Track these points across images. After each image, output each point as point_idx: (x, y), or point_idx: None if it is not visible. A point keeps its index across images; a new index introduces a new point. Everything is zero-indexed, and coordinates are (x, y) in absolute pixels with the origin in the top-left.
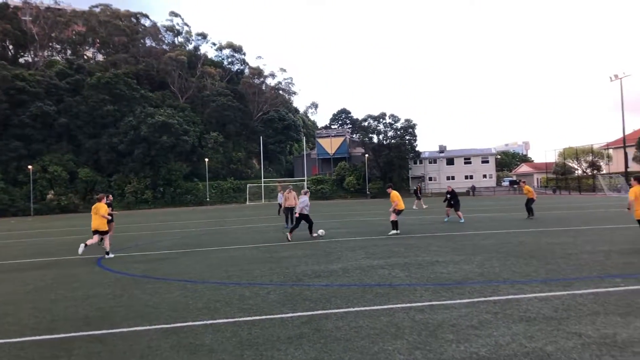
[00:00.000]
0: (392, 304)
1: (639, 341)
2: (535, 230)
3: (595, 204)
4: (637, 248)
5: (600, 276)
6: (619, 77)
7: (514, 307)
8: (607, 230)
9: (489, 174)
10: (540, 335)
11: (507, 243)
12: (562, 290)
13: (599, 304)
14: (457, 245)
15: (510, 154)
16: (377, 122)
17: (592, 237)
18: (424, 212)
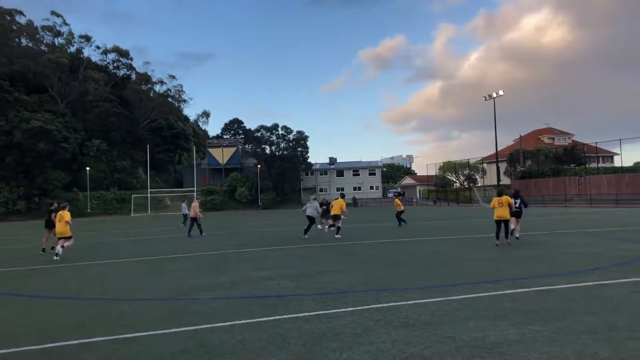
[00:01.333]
0: (279, 315)
1: (505, 342)
2: (417, 239)
3: (471, 215)
4: (506, 255)
5: (473, 282)
6: (493, 96)
7: (395, 314)
8: (481, 239)
9: (375, 185)
10: (418, 340)
11: (390, 252)
12: (439, 297)
13: (471, 309)
14: (343, 254)
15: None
16: (270, 133)
17: (467, 246)
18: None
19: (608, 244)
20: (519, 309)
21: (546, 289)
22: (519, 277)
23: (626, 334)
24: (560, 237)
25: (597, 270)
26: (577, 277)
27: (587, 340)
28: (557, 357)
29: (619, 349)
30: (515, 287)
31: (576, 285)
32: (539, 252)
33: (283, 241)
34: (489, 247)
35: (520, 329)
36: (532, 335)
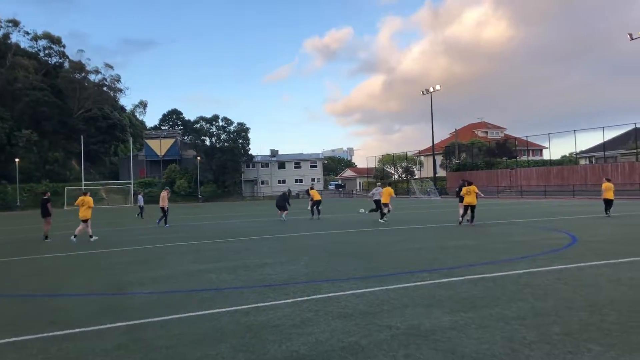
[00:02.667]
0: (218, 308)
1: (439, 329)
2: (357, 230)
3: (408, 206)
4: (442, 245)
5: (410, 272)
6: (430, 91)
7: (334, 304)
8: (418, 229)
9: (317, 177)
10: (356, 329)
11: (332, 243)
12: (377, 286)
13: (408, 298)
14: (286, 246)
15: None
16: (210, 125)
17: (405, 236)
18: (256, 215)
19: (536, 234)
20: (453, 296)
21: (479, 277)
22: (454, 266)
23: (552, 318)
24: (492, 227)
25: (526, 259)
26: (508, 265)
27: (516, 325)
28: (488, 343)
29: (545, 333)
30: (450, 276)
31: (507, 274)
32: (473, 241)
33: (223, 234)
34: (426, 237)
35: (453, 316)
36: (465, 322)
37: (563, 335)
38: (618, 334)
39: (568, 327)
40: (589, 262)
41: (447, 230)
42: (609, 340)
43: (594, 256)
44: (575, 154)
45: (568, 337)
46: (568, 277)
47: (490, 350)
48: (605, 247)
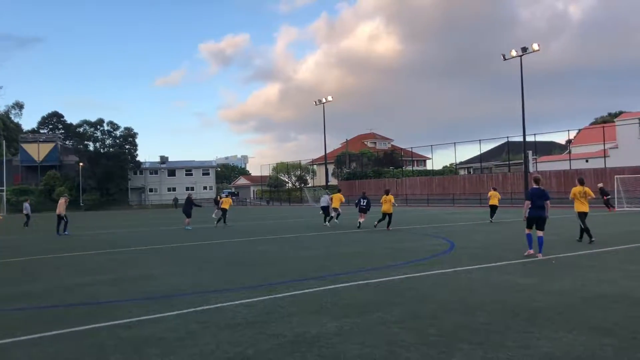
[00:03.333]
0: (97, 323)
1: (325, 336)
2: (247, 239)
3: (301, 214)
4: (330, 252)
5: (299, 279)
6: (322, 101)
7: (221, 315)
8: (309, 237)
9: (209, 185)
10: (243, 339)
11: (221, 253)
12: (266, 295)
13: (295, 306)
14: (173, 257)
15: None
16: (94, 129)
17: (294, 244)
18: (142, 224)
19: (419, 240)
20: (338, 303)
21: (364, 282)
22: (340, 273)
23: (429, 321)
24: (378, 234)
25: (408, 264)
26: (391, 270)
27: (396, 329)
28: (370, 347)
29: (422, 335)
30: (336, 283)
31: (389, 279)
32: (360, 248)
33: (107, 244)
34: (315, 245)
35: (339, 322)
36: (349, 328)
37: (438, 336)
38: (486, 333)
39: (443, 328)
40: (464, 266)
41: (336, 237)
42: (478, 339)
43: (469, 261)
44: (455, 165)
45: (443, 337)
46: (445, 281)
47: (372, 354)
48: (479, 252)
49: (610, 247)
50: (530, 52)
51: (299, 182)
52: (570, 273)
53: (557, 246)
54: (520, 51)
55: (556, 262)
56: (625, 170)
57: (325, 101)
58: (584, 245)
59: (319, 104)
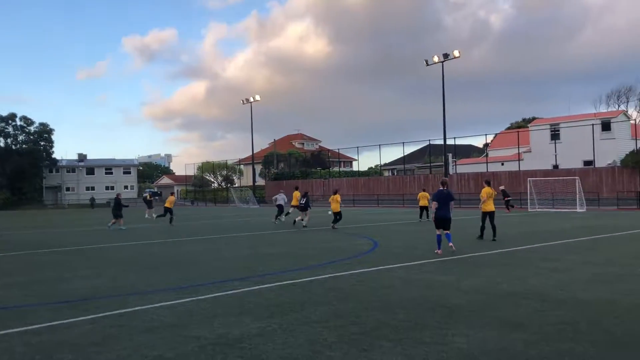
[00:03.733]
0: (5, 329)
1: (247, 337)
2: (171, 240)
3: (227, 215)
4: (255, 253)
5: (222, 280)
6: (250, 101)
7: (140, 318)
8: (234, 238)
9: (130, 185)
10: (162, 343)
11: (142, 254)
12: (188, 297)
13: (218, 307)
14: (90, 259)
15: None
16: (5, 124)
17: (220, 245)
18: (59, 225)
19: (344, 240)
20: (262, 303)
21: (289, 283)
22: (265, 274)
23: (351, 319)
24: (305, 234)
25: (332, 264)
26: (316, 271)
27: (319, 328)
28: (292, 347)
29: (344, 333)
30: (261, 283)
31: (314, 279)
32: (286, 248)
33: (17, 246)
34: (241, 246)
35: (262, 323)
36: (272, 328)
37: (360, 334)
38: (406, 330)
39: (365, 326)
40: (386, 265)
41: (262, 238)
42: (398, 336)
43: (391, 260)
44: (380, 166)
45: (364, 335)
46: (368, 280)
47: (294, 354)
48: (401, 251)
49: (523, 246)
50: (451, 58)
51: (225, 182)
52: (486, 271)
53: (474, 245)
54: (442, 57)
55: (472, 261)
56: (537, 173)
57: (253, 100)
58: (499, 244)
59: (246, 102)
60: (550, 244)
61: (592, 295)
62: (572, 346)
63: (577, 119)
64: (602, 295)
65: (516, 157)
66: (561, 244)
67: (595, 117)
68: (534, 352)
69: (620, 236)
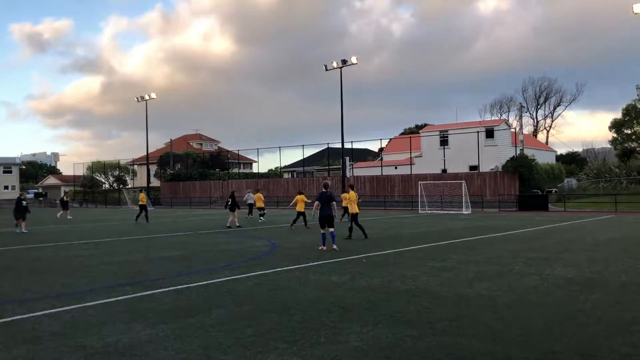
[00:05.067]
0: None
1: (138, 344)
2: (54, 244)
3: (118, 217)
4: (148, 256)
5: (111, 286)
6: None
7: (19, 328)
8: (123, 241)
9: (12, 185)
10: (44, 353)
11: (21, 259)
12: (74, 304)
13: (107, 314)
14: None
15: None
16: None
17: (110, 249)
18: None
19: (241, 242)
20: (155, 309)
21: (184, 287)
22: (159, 278)
23: (248, 322)
24: (202, 237)
25: (230, 267)
26: (213, 274)
27: (214, 332)
28: (185, 352)
29: (240, 336)
30: (154, 288)
31: (211, 282)
32: (181, 252)
33: None
34: (131, 249)
35: (154, 329)
36: (165, 334)
37: (256, 336)
38: (301, 331)
39: (261, 328)
40: (284, 267)
41: (155, 241)
42: (293, 337)
43: (289, 261)
44: (280, 168)
45: (260, 338)
46: (265, 282)
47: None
48: (299, 252)
49: (413, 247)
50: (349, 64)
51: (117, 183)
52: (379, 271)
53: (367, 245)
54: (340, 63)
55: (366, 261)
56: (427, 177)
57: (149, 98)
58: (391, 244)
59: (141, 100)
60: (439, 244)
61: (475, 292)
62: (457, 340)
63: (464, 126)
64: (484, 292)
65: (409, 162)
66: (448, 244)
67: (480, 125)
68: (422, 346)
69: (500, 236)
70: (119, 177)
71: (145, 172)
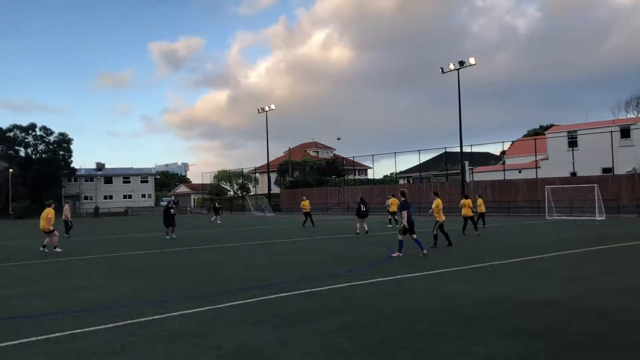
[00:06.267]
0: (26, 337)
1: (267, 346)
2: (187, 249)
3: (243, 223)
4: (272, 261)
5: (239, 289)
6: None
7: (159, 327)
8: (249, 246)
9: (148, 193)
10: (180, 352)
11: (159, 263)
12: (206, 306)
13: (236, 316)
14: (108, 268)
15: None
16: (25, 134)
17: (235, 254)
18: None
19: (360, 248)
20: (281, 313)
21: (306, 292)
22: (283, 282)
23: (371, 329)
24: (321, 243)
25: (350, 272)
26: (334, 279)
27: (338, 337)
28: (311, 356)
29: (364, 343)
30: (278, 292)
31: (332, 287)
32: (302, 257)
33: (37, 255)
34: (258, 254)
35: (280, 332)
36: (291, 337)
37: (380, 344)
38: (426, 341)
39: (385, 336)
40: (405, 274)
41: (279, 246)
42: (418, 346)
43: (408, 268)
44: (396, 174)
45: (384, 345)
46: (387, 289)
47: None
48: (417, 260)
49: (541, 255)
50: (467, 65)
51: (241, 191)
52: (504, 280)
53: (491, 254)
54: (457, 65)
55: (491, 270)
56: (555, 181)
57: (269, 109)
58: (517, 253)
59: (262, 111)
60: (570, 253)
61: (617, 306)
62: (599, 357)
63: (595, 125)
64: (630, 306)
65: (533, 165)
66: (580, 252)
67: (614, 123)
68: None
69: None
70: (242, 184)
71: (267, 180)
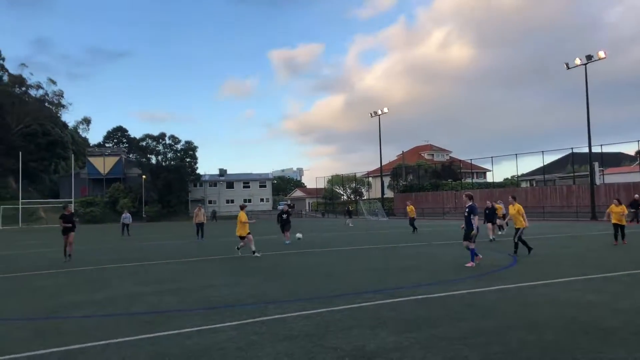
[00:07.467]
0: (159, 331)
1: (384, 350)
2: (303, 251)
3: (357, 227)
4: (388, 266)
5: (356, 292)
6: (378, 113)
7: (279, 326)
8: (364, 250)
9: (266, 197)
10: (301, 351)
11: (277, 265)
12: (323, 308)
13: (353, 319)
14: (231, 268)
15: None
16: (156, 143)
17: (350, 257)
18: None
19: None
20: (397, 317)
21: (423, 297)
22: (399, 287)
23: (493, 338)
24: (437, 248)
25: (469, 279)
26: (452, 285)
27: (459, 345)
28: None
29: (486, 352)
30: (395, 297)
31: (450, 294)
32: (418, 262)
33: (168, 255)
34: (372, 258)
35: (398, 337)
36: (409, 343)
37: (503, 354)
38: (554, 353)
39: (508, 346)
40: (527, 282)
41: (394, 251)
42: (546, 357)
43: (532, 276)
44: (517, 177)
45: (508, 355)
46: (508, 297)
47: None
48: (543, 267)
49: None
50: (595, 60)
51: (354, 195)
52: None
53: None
54: (585, 59)
55: (625, 280)
56: None
57: (381, 113)
58: None
59: (374, 115)
60: None
61: None
62: None
63: None
64: None
65: None
66: None
67: None
68: None
69: None
70: (355, 189)
71: (380, 184)
